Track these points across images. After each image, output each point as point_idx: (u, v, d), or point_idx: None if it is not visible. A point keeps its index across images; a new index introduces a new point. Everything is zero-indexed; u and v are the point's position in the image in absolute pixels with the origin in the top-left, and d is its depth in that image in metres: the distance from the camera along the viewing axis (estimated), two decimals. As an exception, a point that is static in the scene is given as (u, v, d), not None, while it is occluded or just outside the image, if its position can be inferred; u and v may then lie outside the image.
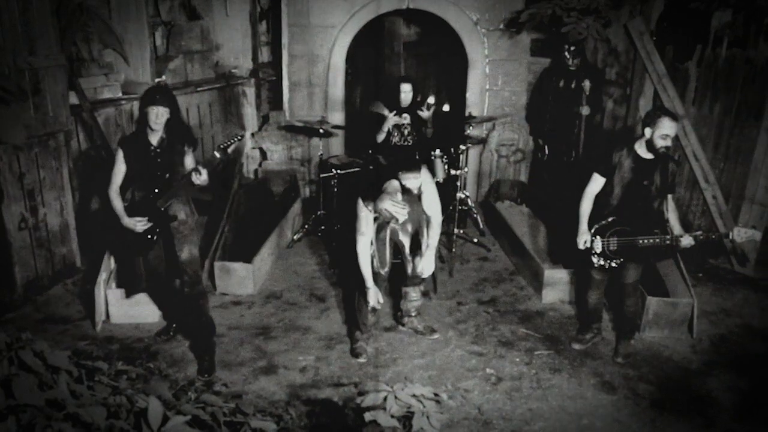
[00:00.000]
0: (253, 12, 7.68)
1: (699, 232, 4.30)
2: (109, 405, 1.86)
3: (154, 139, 4.23)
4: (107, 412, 1.82)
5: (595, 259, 4.41)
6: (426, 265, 4.61)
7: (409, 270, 4.65)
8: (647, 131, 4.15)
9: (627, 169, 4.24)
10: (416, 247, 4.60)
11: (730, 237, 4.19)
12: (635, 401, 4.17)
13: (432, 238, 4.54)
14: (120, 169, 4.29)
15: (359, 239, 4.30)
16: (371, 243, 4.38)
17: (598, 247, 4.37)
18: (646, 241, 4.23)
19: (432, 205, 4.48)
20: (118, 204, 4.30)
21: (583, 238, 4.39)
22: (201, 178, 4.10)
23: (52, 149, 5.35)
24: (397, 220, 4.16)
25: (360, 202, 4.28)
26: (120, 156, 4.28)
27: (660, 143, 4.10)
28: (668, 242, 4.23)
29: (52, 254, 5.46)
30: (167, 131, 4.23)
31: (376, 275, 4.44)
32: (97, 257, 5.35)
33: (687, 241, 4.21)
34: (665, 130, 4.07)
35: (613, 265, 4.40)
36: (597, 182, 4.36)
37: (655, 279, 5.35)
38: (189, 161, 4.32)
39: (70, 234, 5.60)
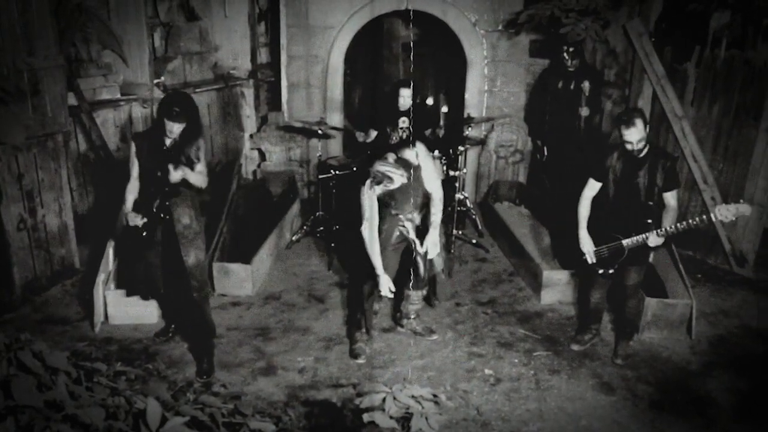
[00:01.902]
0: (251, 13, 7.68)
1: (675, 227, 4.21)
2: (107, 406, 1.86)
3: (168, 141, 4.20)
4: (106, 413, 1.82)
5: (600, 271, 4.46)
6: (431, 244, 4.46)
7: (421, 270, 4.54)
8: (617, 133, 4.25)
9: (618, 168, 4.30)
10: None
11: (715, 218, 4.09)
12: (634, 402, 4.17)
13: (435, 216, 4.43)
14: (134, 164, 4.28)
15: (365, 225, 4.24)
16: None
17: (591, 258, 4.44)
18: (630, 242, 4.29)
19: (431, 180, 4.38)
20: (128, 197, 4.31)
21: (584, 242, 4.42)
22: (172, 175, 4.09)
23: (51, 150, 5.35)
24: (391, 180, 4.08)
25: (363, 188, 4.22)
26: (133, 150, 4.28)
27: (627, 146, 4.18)
28: (644, 240, 4.26)
29: (51, 255, 5.46)
30: (182, 136, 4.19)
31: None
32: (96, 258, 5.35)
33: (653, 240, 4.22)
34: (625, 137, 4.14)
35: (610, 272, 4.44)
36: (593, 187, 4.42)
37: (654, 280, 5.36)
38: (200, 167, 4.29)
39: (68, 235, 5.60)
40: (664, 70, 6.27)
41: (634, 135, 4.11)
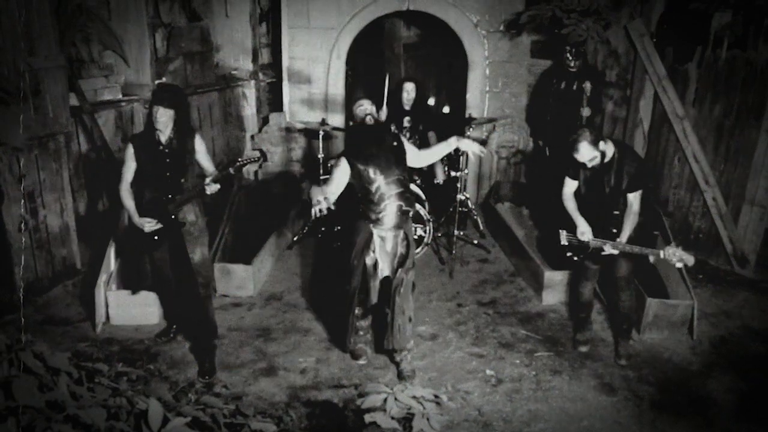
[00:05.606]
0: (253, 13, 7.69)
1: (631, 247, 4.26)
2: (109, 406, 1.86)
3: (163, 138, 4.17)
4: (107, 413, 1.83)
5: (569, 254, 4.54)
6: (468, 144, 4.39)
7: (389, 339, 4.32)
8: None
9: (588, 172, 4.39)
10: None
11: (662, 256, 4.15)
12: (635, 403, 4.17)
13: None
14: (130, 166, 4.24)
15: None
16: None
17: (564, 240, 4.52)
18: (594, 243, 4.36)
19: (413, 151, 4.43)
20: (129, 202, 4.27)
21: (582, 226, 4.42)
22: (211, 188, 4.17)
23: (52, 151, 5.35)
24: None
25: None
26: (130, 152, 4.22)
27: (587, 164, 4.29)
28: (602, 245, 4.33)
29: (52, 256, 5.46)
30: (175, 132, 4.18)
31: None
32: (97, 259, 5.35)
33: (608, 249, 4.29)
34: (578, 159, 4.24)
35: (575, 259, 4.53)
36: (569, 185, 4.52)
37: (656, 280, 5.35)
38: (203, 160, 4.31)
39: (70, 235, 5.60)
40: (666, 71, 6.27)
41: (584, 157, 4.21)
